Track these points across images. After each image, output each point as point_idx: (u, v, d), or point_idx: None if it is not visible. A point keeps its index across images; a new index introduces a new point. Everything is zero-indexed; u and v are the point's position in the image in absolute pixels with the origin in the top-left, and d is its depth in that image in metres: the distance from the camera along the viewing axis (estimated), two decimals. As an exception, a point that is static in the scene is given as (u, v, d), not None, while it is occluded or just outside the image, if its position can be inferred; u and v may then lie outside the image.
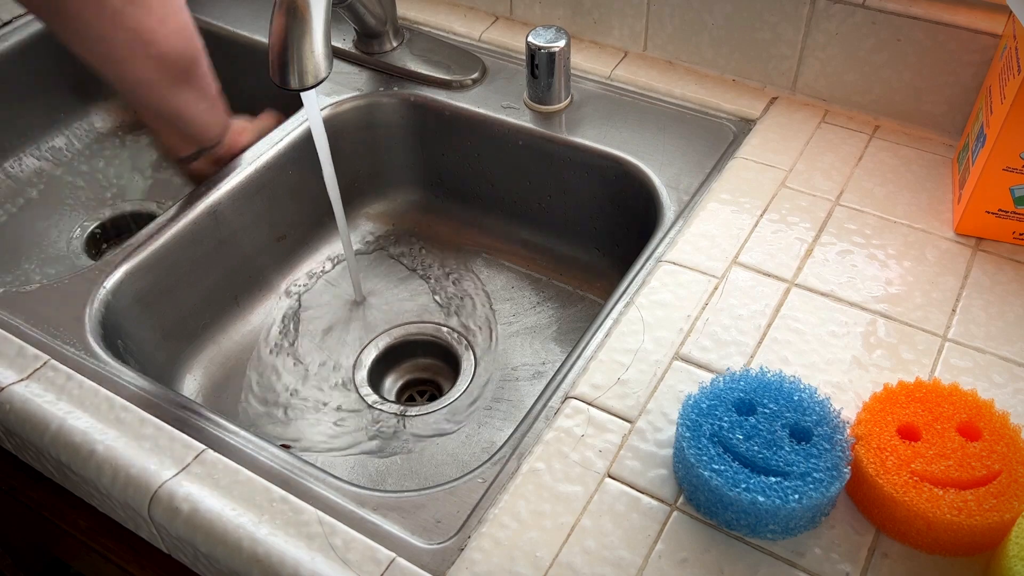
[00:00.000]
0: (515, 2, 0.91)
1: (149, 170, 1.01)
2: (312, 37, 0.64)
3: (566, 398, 0.59)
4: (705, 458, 0.50)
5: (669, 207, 0.73)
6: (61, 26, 0.68)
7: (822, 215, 0.70)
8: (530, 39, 0.78)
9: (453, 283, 0.87)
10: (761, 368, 0.55)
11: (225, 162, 0.80)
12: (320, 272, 0.88)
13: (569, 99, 0.83)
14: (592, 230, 0.85)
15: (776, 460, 0.50)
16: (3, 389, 0.61)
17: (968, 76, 0.72)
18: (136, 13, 0.66)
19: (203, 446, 0.57)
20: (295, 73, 0.64)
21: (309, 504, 0.54)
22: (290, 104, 0.88)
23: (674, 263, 0.67)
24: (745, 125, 0.79)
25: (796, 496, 0.48)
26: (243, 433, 0.59)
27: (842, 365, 0.59)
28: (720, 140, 0.78)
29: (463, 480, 0.55)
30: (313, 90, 0.66)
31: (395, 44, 0.90)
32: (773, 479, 0.49)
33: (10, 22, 0.97)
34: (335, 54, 0.90)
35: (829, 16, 0.75)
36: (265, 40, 0.93)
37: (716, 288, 0.65)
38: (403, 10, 0.93)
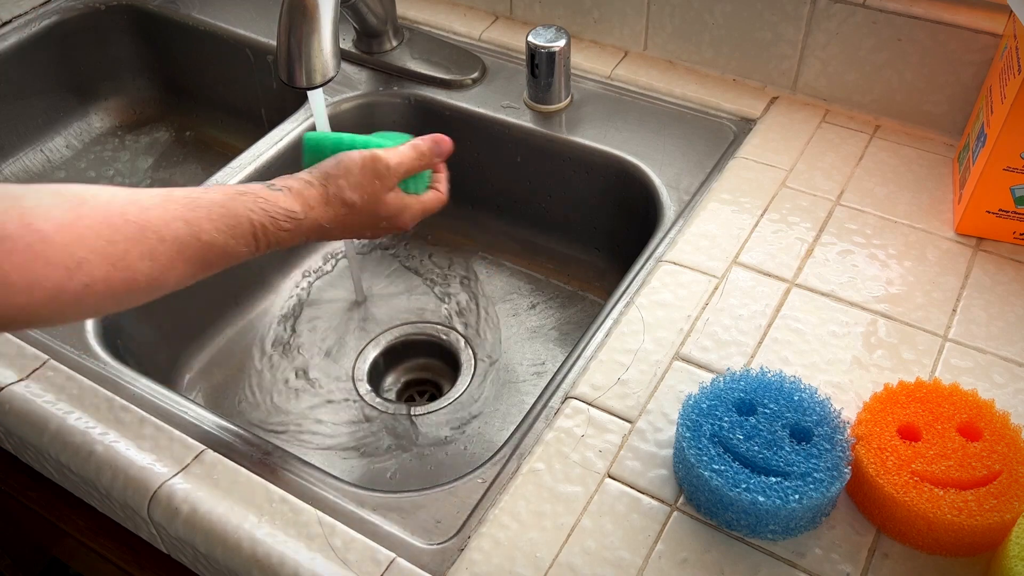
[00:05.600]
0: (515, 2, 0.91)
1: (149, 170, 1.01)
2: (321, 36, 0.64)
3: (566, 398, 0.59)
4: (705, 458, 0.50)
5: (669, 207, 0.73)
6: None
7: (822, 215, 0.70)
8: (530, 39, 0.78)
9: (453, 283, 0.87)
10: (761, 368, 0.54)
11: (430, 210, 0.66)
12: (320, 272, 0.88)
13: (569, 99, 0.83)
14: (592, 230, 0.85)
15: (776, 460, 0.50)
16: (3, 389, 0.61)
17: (969, 76, 0.72)
18: None
19: (203, 446, 0.57)
20: (303, 71, 0.64)
21: (309, 504, 0.54)
22: (291, 103, 0.88)
23: (674, 263, 0.67)
24: (745, 125, 0.79)
25: (796, 496, 0.48)
26: (243, 433, 0.59)
27: (842, 365, 0.59)
28: (720, 140, 0.78)
29: (463, 480, 0.55)
30: (320, 89, 0.66)
31: (395, 44, 0.90)
32: (773, 479, 0.49)
33: (10, 22, 0.97)
34: (335, 54, 0.90)
35: (830, 16, 0.75)
36: (265, 39, 0.93)
37: (716, 288, 0.65)
38: (403, 10, 0.93)
